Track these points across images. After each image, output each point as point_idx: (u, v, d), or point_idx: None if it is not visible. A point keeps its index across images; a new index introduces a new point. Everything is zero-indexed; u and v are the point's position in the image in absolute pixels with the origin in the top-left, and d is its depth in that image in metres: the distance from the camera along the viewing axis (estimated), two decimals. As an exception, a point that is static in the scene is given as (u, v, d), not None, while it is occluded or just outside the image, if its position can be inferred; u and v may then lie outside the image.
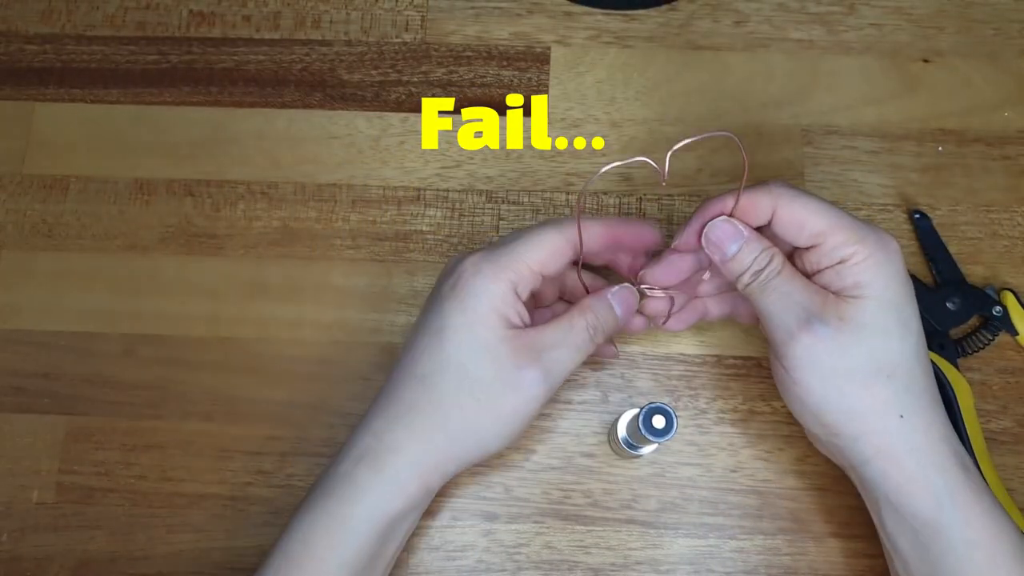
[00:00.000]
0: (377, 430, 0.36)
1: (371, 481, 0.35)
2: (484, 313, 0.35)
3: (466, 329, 0.35)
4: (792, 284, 0.35)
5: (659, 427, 0.36)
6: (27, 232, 0.47)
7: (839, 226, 0.35)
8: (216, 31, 0.50)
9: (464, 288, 0.36)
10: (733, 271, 0.37)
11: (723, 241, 0.36)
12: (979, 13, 0.50)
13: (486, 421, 0.36)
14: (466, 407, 0.35)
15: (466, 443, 0.36)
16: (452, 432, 0.36)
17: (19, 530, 0.43)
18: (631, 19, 0.50)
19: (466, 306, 0.35)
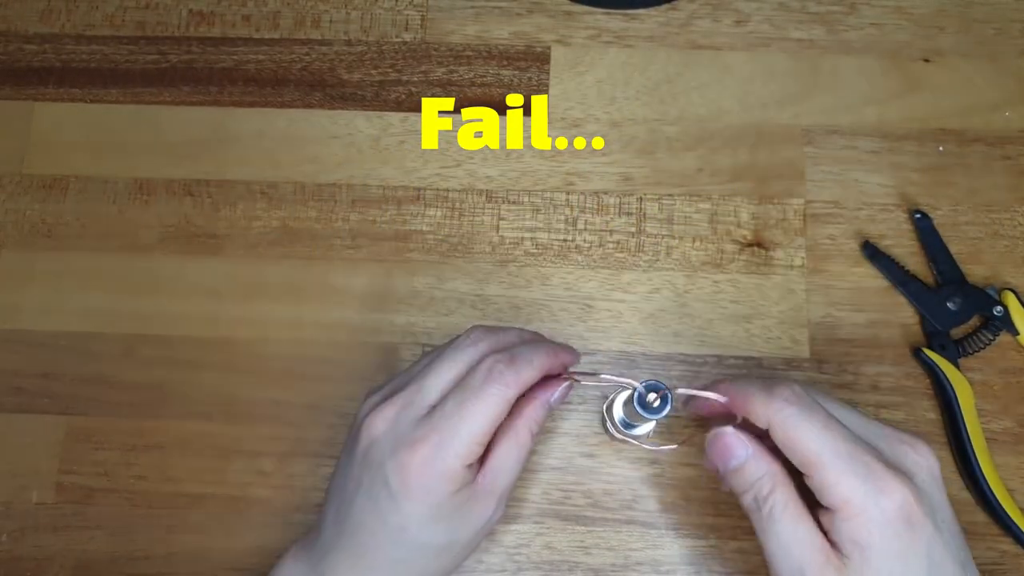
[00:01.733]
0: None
1: None
2: (445, 503, 0.33)
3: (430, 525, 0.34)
4: (794, 530, 0.32)
5: (654, 405, 0.36)
6: (27, 232, 0.47)
7: (830, 465, 0.31)
8: (216, 31, 0.50)
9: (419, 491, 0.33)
10: (734, 485, 0.34)
11: (724, 452, 0.34)
12: (980, 13, 0.50)
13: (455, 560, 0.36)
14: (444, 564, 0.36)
15: None
16: None
17: (19, 530, 0.43)
18: (631, 19, 0.50)
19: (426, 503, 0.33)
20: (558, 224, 0.47)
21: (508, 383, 0.34)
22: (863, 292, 0.45)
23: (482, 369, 0.34)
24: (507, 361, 0.34)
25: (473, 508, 0.34)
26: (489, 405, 0.34)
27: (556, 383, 0.36)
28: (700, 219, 0.47)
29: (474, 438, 0.33)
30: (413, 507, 0.33)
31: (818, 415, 0.32)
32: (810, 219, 0.47)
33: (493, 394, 0.34)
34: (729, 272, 0.46)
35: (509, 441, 0.35)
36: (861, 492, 0.30)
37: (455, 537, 0.35)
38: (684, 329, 0.45)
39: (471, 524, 0.35)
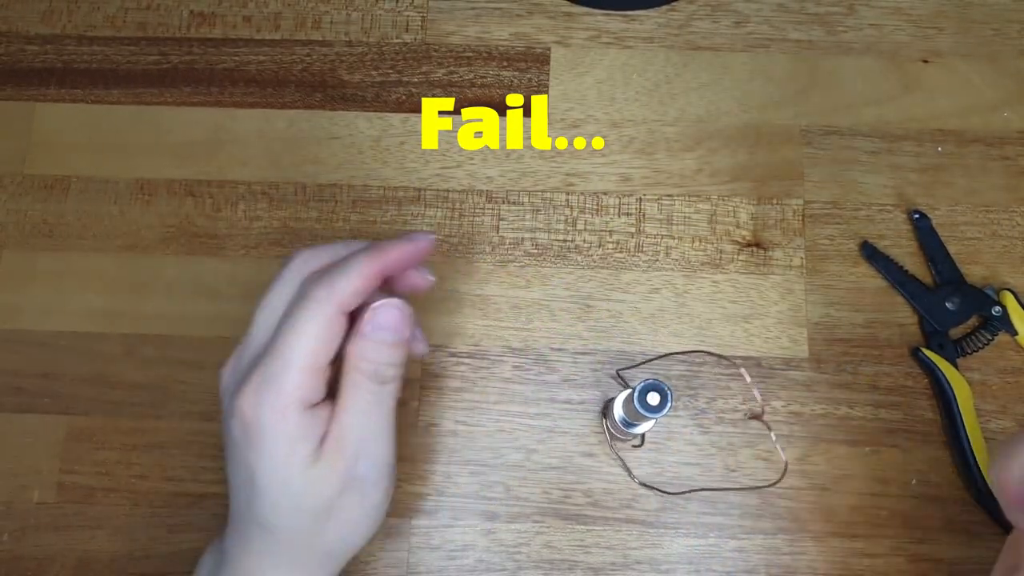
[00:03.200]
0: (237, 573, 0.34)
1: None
2: (286, 454, 0.32)
3: (276, 472, 0.32)
4: None
5: (654, 403, 0.36)
6: (28, 232, 0.47)
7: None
8: (217, 32, 0.50)
9: (253, 433, 0.32)
10: None
11: None
12: (978, 14, 0.50)
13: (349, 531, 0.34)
14: (320, 531, 0.33)
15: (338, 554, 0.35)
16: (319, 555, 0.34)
17: (20, 530, 0.43)
18: (631, 19, 0.50)
19: (265, 454, 0.32)
20: (558, 224, 0.47)
21: (320, 298, 0.32)
22: (862, 292, 0.46)
23: (301, 288, 0.33)
24: (320, 275, 0.32)
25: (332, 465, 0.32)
26: (307, 325, 0.31)
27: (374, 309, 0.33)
28: (699, 219, 0.47)
29: (299, 365, 0.31)
30: (257, 455, 0.32)
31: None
32: (809, 219, 0.47)
33: (307, 311, 0.32)
34: (728, 272, 0.46)
35: (347, 391, 0.33)
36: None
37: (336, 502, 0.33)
38: (683, 329, 0.45)
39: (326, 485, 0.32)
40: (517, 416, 0.44)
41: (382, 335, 0.33)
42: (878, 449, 0.43)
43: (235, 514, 0.35)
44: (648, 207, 0.47)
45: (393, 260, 0.34)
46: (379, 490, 0.34)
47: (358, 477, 0.33)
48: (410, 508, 0.43)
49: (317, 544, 0.34)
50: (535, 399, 0.44)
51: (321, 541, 0.34)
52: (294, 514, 0.33)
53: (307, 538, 0.34)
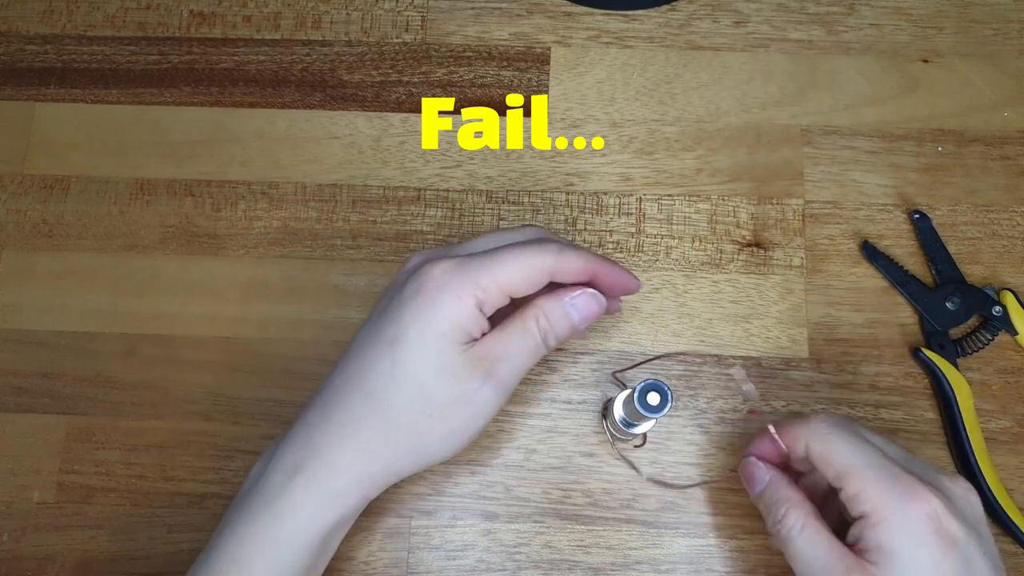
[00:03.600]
0: (317, 443, 0.34)
1: (309, 496, 0.34)
2: (445, 330, 0.33)
3: (425, 345, 0.33)
4: (814, 543, 0.33)
5: (654, 404, 0.36)
6: (28, 232, 0.47)
7: (861, 472, 0.32)
8: (217, 31, 0.50)
9: (428, 298, 0.33)
10: (760, 509, 0.37)
11: (749, 480, 0.37)
12: (978, 13, 0.50)
13: (437, 436, 0.35)
14: (418, 424, 0.34)
15: (413, 457, 0.35)
16: (401, 448, 0.34)
17: (20, 530, 0.43)
18: (631, 19, 0.50)
19: (427, 320, 0.33)
20: (558, 224, 0.47)
21: (549, 250, 0.34)
22: (862, 292, 0.46)
23: (530, 234, 0.36)
24: (556, 238, 0.35)
25: (464, 374, 0.33)
26: (523, 257, 0.34)
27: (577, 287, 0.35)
28: (699, 219, 0.47)
29: (498, 278, 0.33)
30: (416, 318, 0.33)
31: (852, 433, 0.34)
32: (809, 219, 0.47)
33: (530, 251, 0.34)
34: (728, 272, 0.46)
35: (515, 325, 0.35)
36: (887, 496, 0.32)
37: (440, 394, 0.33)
38: (683, 329, 0.45)
39: (459, 389, 0.33)
40: (517, 416, 0.44)
41: (573, 310, 0.35)
42: (878, 449, 0.43)
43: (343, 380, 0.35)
44: (648, 207, 0.47)
45: (607, 276, 0.36)
46: (486, 417, 0.35)
47: (482, 393, 0.34)
48: (410, 508, 0.43)
49: (405, 439, 0.34)
50: (535, 399, 0.44)
51: (409, 437, 0.34)
52: (417, 394, 0.33)
53: (403, 427, 0.34)
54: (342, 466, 0.34)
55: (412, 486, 0.43)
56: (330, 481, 0.34)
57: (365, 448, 0.34)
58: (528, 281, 0.34)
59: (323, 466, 0.34)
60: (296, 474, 0.34)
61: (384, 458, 0.34)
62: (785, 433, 0.36)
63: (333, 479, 0.34)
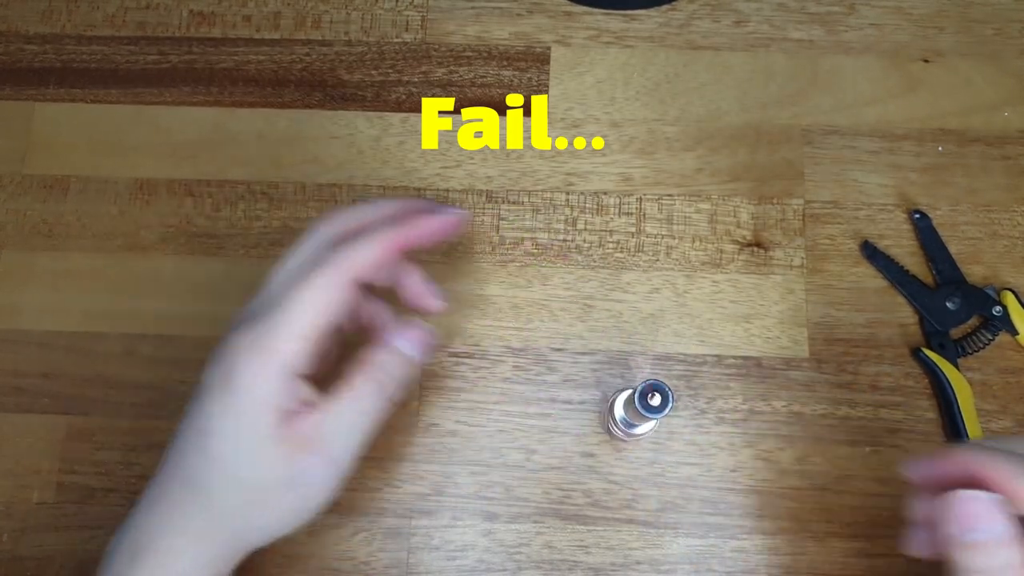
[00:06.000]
0: (151, 531, 0.32)
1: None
2: (252, 410, 0.30)
3: (232, 431, 0.31)
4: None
5: (655, 404, 0.36)
6: (27, 232, 0.47)
7: None
8: (216, 31, 0.50)
9: (229, 381, 0.31)
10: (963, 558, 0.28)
11: (970, 521, 0.27)
12: (979, 13, 0.50)
13: (269, 519, 0.33)
14: (243, 510, 0.32)
15: (250, 537, 0.33)
16: (234, 531, 0.32)
17: (19, 530, 0.43)
18: (631, 19, 0.50)
19: (230, 403, 0.31)
20: (558, 224, 0.47)
21: (336, 263, 0.31)
22: (862, 292, 0.46)
23: (316, 255, 0.32)
24: (336, 242, 0.31)
25: (284, 460, 0.31)
26: (317, 289, 0.31)
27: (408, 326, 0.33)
28: (700, 219, 0.47)
29: (298, 325, 0.30)
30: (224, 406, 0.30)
31: None
32: (809, 219, 0.47)
33: (321, 274, 0.31)
34: (728, 272, 0.46)
35: (343, 393, 0.32)
36: None
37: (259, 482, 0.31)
38: (684, 329, 0.45)
39: (281, 475, 0.31)
40: (517, 416, 0.44)
41: (407, 347, 0.33)
42: (878, 449, 0.43)
43: (165, 470, 0.33)
44: (648, 207, 0.47)
45: (416, 236, 0.33)
46: (323, 496, 0.33)
47: (310, 477, 0.32)
48: (410, 508, 0.43)
49: (234, 524, 0.32)
50: (535, 399, 0.44)
51: (243, 523, 0.32)
52: (233, 483, 0.31)
53: (230, 514, 0.32)
54: (177, 550, 0.32)
55: (412, 486, 0.43)
56: (169, 566, 0.32)
57: (196, 534, 0.32)
58: (330, 314, 0.31)
59: (161, 551, 0.32)
60: (134, 562, 0.32)
61: (220, 540, 0.32)
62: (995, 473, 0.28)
63: (172, 564, 0.32)
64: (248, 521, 0.32)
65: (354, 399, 0.32)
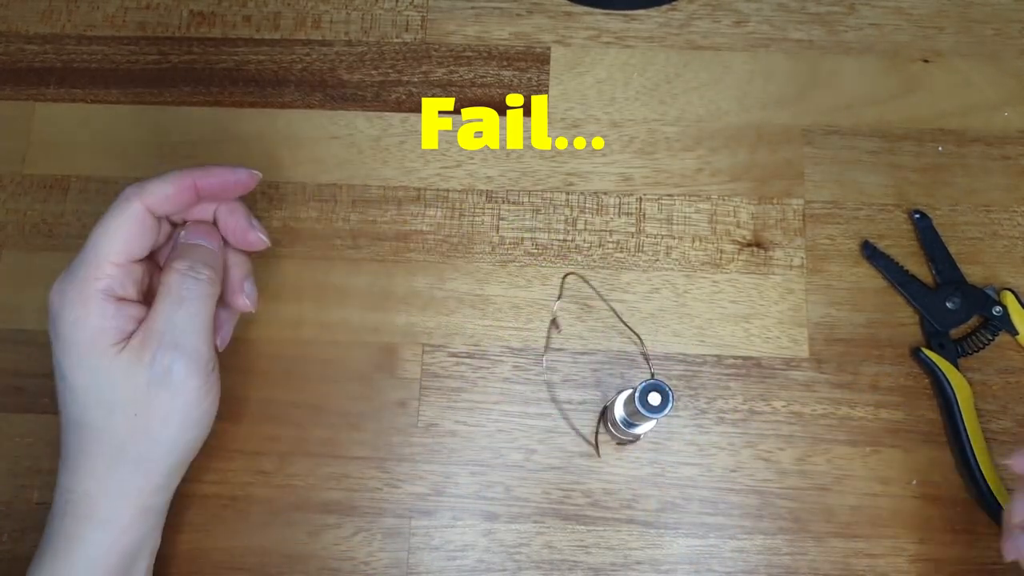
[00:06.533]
0: (66, 486, 0.35)
1: (83, 530, 0.35)
2: (89, 342, 0.33)
3: (81, 366, 0.34)
4: None
5: (655, 404, 0.36)
6: (27, 232, 0.47)
7: None
8: (216, 31, 0.50)
9: (60, 324, 0.34)
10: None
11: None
12: (979, 13, 0.50)
13: (161, 430, 0.35)
14: (131, 430, 0.34)
15: (156, 457, 0.36)
16: (135, 457, 0.35)
17: (20, 530, 0.43)
18: (631, 19, 0.50)
19: (70, 343, 0.34)
20: (558, 224, 0.47)
21: (129, 196, 0.34)
22: (862, 292, 0.46)
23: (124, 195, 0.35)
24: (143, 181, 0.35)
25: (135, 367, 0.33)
26: (114, 219, 0.34)
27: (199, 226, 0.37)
28: (699, 219, 0.47)
29: (102, 254, 0.33)
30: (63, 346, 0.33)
31: None
32: (809, 219, 0.47)
33: (116, 207, 0.34)
34: (728, 272, 0.46)
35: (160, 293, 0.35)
36: None
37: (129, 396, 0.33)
38: (683, 329, 0.45)
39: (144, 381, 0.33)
40: (517, 416, 0.44)
41: (195, 239, 0.36)
42: (878, 449, 0.43)
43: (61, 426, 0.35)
44: (648, 207, 0.47)
45: (207, 180, 0.37)
46: (190, 387, 0.35)
47: (165, 369, 0.34)
48: (410, 508, 0.43)
49: (130, 446, 0.34)
50: (535, 399, 0.44)
51: (134, 443, 0.34)
52: (101, 408, 0.34)
53: (120, 438, 0.34)
54: (94, 496, 0.35)
55: (412, 486, 0.43)
56: (94, 512, 0.35)
57: (103, 473, 0.35)
58: (137, 238, 0.35)
59: (80, 501, 0.35)
60: (65, 515, 0.35)
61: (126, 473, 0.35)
62: None
63: (94, 509, 0.35)
64: (140, 438, 0.34)
65: (168, 292, 0.35)
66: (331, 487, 0.43)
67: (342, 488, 0.43)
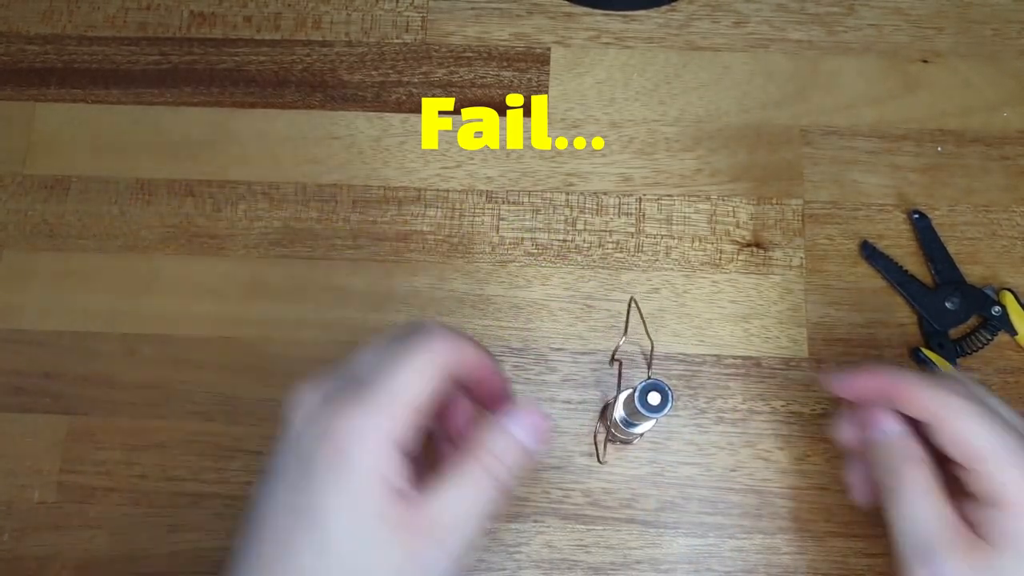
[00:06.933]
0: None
1: None
2: (366, 486, 0.27)
3: (346, 509, 0.27)
4: (928, 506, 0.32)
5: (655, 403, 0.36)
6: (28, 232, 0.47)
7: (995, 458, 0.31)
8: (217, 32, 0.50)
9: (340, 452, 0.27)
10: (874, 455, 0.34)
11: (875, 423, 0.34)
12: (978, 14, 0.50)
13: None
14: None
15: None
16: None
17: (20, 530, 0.43)
18: (631, 20, 0.50)
19: (344, 480, 0.27)
20: (558, 224, 0.47)
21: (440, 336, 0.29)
22: (861, 292, 0.46)
23: (413, 327, 0.30)
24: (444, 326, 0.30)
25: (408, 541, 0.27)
26: (419, 358, 0.29)
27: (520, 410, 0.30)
28: (699, 219, 0.47)
29: (403, 398, 0.28)
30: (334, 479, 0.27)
31: (988, 411, 0.32)
32: (808, 219, 0.47)
33: (423, 347, 0.29)
34: (728, 272, 0.46)
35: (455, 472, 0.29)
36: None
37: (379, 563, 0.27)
38: (683, 329, 0.45)
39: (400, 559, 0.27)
40: (517, 416, 0.44)
41: (521, 434, 0.30)
42: (878, 449, 0.43)
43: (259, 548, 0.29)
44: (648, 207, 0.47)
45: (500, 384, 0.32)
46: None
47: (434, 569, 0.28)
48: (410, 508, 0.43)
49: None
50: (535, 399, 0.44)
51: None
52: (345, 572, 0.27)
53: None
54: None
55: (412, 486, 0.43)
56: None
57: None
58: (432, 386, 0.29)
59: None
60: None
61: None
62: (909, 394, 0.33)
63: None
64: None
65: (466, 484, 0.29)
66: (331, 487, 0.43)
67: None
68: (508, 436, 0.30)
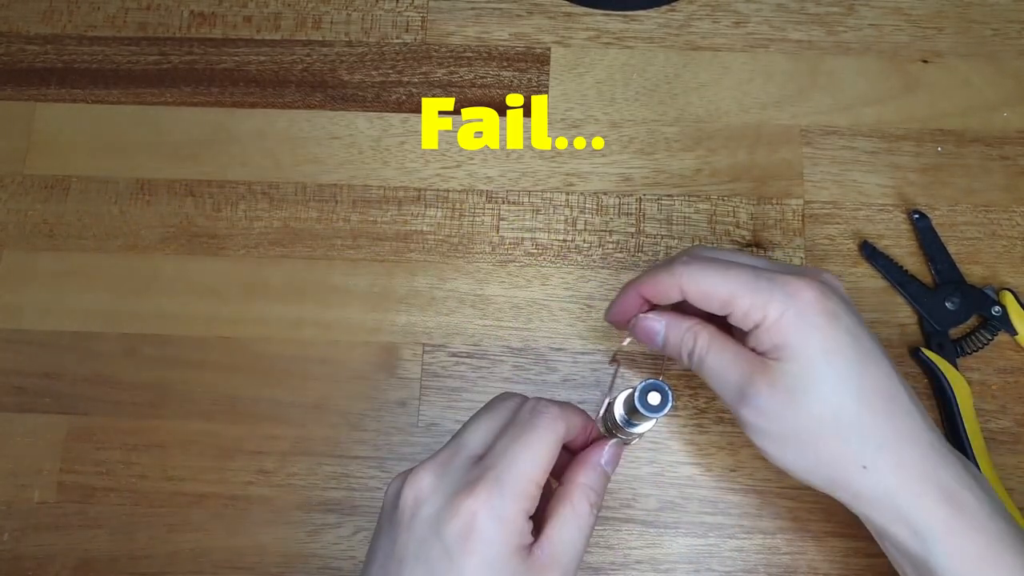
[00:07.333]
0: None
1: None
2: (505, 557, 0.31)
3: None
4: (722, 358, 0.35)
5: (655, 403, 0.36)
6: (28, 232, 0.47)
7: (742, 292, 0.34)
8: (217, 32, 0.50)
9: (477, 532, 0.31)
10: (672, 354, 0.37)
11: (649, 334, 0.37)
12: (978, 13, 0.50)
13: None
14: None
15: None
16: None
17: (20, 529, 0.43)
18: (631, 20, 0.50)
19: (483, 554, 0.30)
20: (558, 224, 0.47)
21: (556, 416, 0.33)
22: (861, 292, 0.46)
23: (527, 407, 0.34)
24: (550, 401, 0.34)
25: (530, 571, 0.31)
26: (540, 439, 0.32)
27: (602, 444, 0.35)
28: (699, 219, 0.47)
29: (530, 476, 0.32)
30: (472, 563, 0.30)
31: (717, 261, 0.35)
32: (809, 219, 0.47)
33: (543, 427, 0.33)
34: (728, 272, 0.46)
35: (564, 510, 0.33)
36: (772, 299, 0.33)
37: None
38: (683, 329, 0.45)
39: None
40: (517, 416, 0.44)
41: (609, 467, 0.35)
42: (878, 449, 0.43)
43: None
44: (648, 207, 0.47)
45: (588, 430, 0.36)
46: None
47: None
48: (410, 508, 0.43)
49: None
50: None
51: None
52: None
53: None
54: None
55: (412, 486, 0.43)
56: None
57: None
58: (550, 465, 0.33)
59: None
60: None
61: None
62: (653, 288, 0.36)
63: None
64: None
65: (573, 519, 0.33)
66: (331, 486, 0.43)
67: (342, 487, 0.43)
68: (600, 469, 0.35)
